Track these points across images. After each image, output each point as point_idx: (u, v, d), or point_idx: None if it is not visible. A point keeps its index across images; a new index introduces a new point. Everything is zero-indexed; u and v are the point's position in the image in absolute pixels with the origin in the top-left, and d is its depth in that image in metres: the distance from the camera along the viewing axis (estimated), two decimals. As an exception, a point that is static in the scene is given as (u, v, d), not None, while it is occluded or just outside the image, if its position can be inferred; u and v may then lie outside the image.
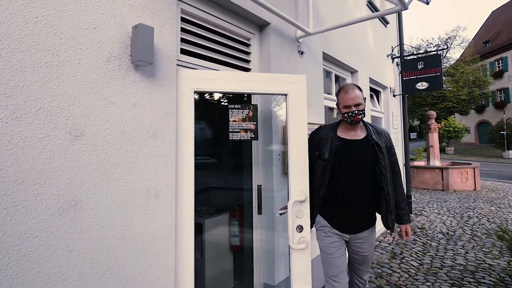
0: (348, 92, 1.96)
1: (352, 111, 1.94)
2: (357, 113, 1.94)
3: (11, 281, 1.11)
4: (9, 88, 1.14)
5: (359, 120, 1.96)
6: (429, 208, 6.99)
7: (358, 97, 1.95)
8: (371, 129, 2.04)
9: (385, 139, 2.06)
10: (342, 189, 2.01)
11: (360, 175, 1.99)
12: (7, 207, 1.11)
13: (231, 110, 2.25)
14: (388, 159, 2.03)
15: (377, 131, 2.06)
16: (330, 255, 2.03)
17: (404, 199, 2.13)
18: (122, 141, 1.48)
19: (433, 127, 10.43)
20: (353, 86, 1.99)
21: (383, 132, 2.09)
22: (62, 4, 1.31)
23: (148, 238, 1.55)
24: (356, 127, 2.04)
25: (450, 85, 26.14)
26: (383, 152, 1.97)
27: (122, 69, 1.51)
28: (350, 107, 1.94)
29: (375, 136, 1.99)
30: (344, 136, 2.03)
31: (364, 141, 2.01)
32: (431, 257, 4.09)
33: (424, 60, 5.90)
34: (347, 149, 1.99)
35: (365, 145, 2.00)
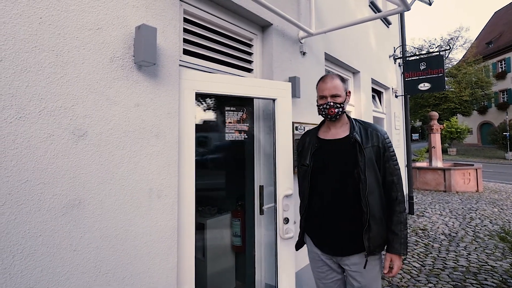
0: (326, 81, 1.68)
1: (327, 102, 1.64)
2: (333, 105, 1.63)
3: (15, 280, 1.11)
4: (13, 88, 1.15)
5: (334, 114, 1.65)
6: (431, 209, 6.97)
7: (336, 87, 1.65)
8: (357, 126, 1.69)
9: (377, 139, 1.64)
10: (317, 198, 1.71)
11: (338, 181, 1.64)
12: (11, 206, 1.12)
13: (227, 112, 2.34)
14: (376, 163, 1.60)
15: (366, 128, 1.68)
16: (318, 280, 1.80)
17: (401, 221, 1.60)
18: (125, 141, 1.48)
19: (435, 128, 10.40)
20: (333, 76, 1.70)
21: (375, 131, 1.67)
22: (66, 4, 1.32)
23: (150, 237, 1.56)
24: (337, 125, 1.72)
25: (452, 86, 26.06)
26: (364, 154, 1.58)
27: (125, 70, 1.51)
28: (326, 98, 1.66)
29: (358, 134, 1.64)
30: (324, 136, 1.76)
31: (344, 141, 1.67)
32: (433, 259, 4.08)
33: (427, 61, 5.89)
34: (323, 151, 1.71)
35: (345, 145, 1.65)
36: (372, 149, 1.61)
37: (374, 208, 1.56)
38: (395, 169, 1.64)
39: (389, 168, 1.63)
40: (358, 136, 1.62)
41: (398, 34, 6.72)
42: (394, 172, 1.64)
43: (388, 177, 1.63)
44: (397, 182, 1.64)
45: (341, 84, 1.68)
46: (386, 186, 1.63)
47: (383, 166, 1.63)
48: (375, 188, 1.57)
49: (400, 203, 1.62)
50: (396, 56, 6.26)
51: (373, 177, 1.57)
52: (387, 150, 1.64)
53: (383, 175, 1.63)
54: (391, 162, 1.64)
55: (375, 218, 1.56)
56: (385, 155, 1.63)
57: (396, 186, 1.63)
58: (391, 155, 1.65)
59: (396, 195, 1.62)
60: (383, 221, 1.60)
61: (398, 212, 1.61)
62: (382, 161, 1.63)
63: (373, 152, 1.60)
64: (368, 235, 1.55)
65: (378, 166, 1.61)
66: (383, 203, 1.61)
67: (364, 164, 1.57)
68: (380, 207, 1.59)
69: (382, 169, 1.63)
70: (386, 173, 1.63)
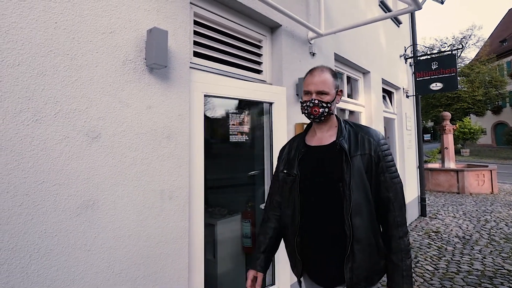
0: (313, 74, 1.39)
1: (311, 99, 1.35)
2: (317, 103, 1.34)
3: (32, 279, 1.14)
4: (30, 91, 1.18)
5: (318, 115, 1.35)
6: (444, 212, 6.83)
7: (324, 83, 1.36)
8: (346, 130, 1.39)
9: (369, 145, 1.34)
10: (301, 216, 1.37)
11: (321, 196, 1.34)
12: (29, 206, 1.14)
13: (231, 115, 2.42)
14: (367, 175, 1.30)
15: (356, 133, 1.38)
16: None
17: (401, 248, 1.28)
18: (137, 143, 1.50)
19: (447, 128, 10.20)
20: (323, 69, 1.41)
21: (368, 136, 1.37)
22: (80, 9, 1.35)
23: (162, 238, 1.57)
24: (323, 128, 1.43)
25: (465, 85, 25.54)
26: (351, 164, 1.28)
27: (137, 72, 1.54)
28: (310, 94, 1.37)
29: (345, 140, 1.35)
30: (309, 142, 1.46)
31: (329, 148, 1.38)
32: (446, 262, 3.99)
33: (438, 60, 5.79)
34: (308, 159, 1.41)
35: (330, 153, 1.36)
36: (362, 158, 1.31)
37: (359, 231, 1.25)
38: (392, 183, 1.31)
39: (384, 182, 1.31)
40: (345, 143, 1.33)
41: (409, 34, 6.63)
42: (391, 187, 1.31)
43: (383, 193, 1.31)
44: (394, 200, 1.30)
45: (331, 80, 1.38)
46: (381, 205, 1.32)
47: (376, 180, 1.32)
48: (362, 207, 1.27)
49: (399, 226, 1.30)
50: (407, 56, 6.17)
51: (360, 193, 1.27)
52: (382, 159, 1.32)
53: (376, 191, 1.32)
54: (388, 175, 1.32)
55: (361, 244, 1.25)
56: (379, 166, 1.32)
57: (393, 204, 1.30)
58: (387, 165, 1.33)
59: (394, 216, 1.30)
60: (375, 248, 1.28)
61: (397, 237, 1.29)
62: (375, 173, 1.31)
63: (363, 162, 1.30)
64: (351, 264, 1.25)
65: (369, 179, 1.30)
66: (374, 225, 1.30)
67: (350, 176, 1.27)
68: (370, 230, 1.27)
69: (375, 183, 1.31)
70: (381, 188, 1.31)
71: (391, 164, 1.35)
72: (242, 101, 2.44)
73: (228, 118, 2.42)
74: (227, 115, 2.43)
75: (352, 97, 4.40)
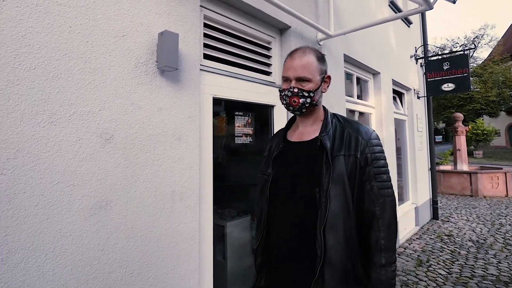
0: (293, 57, 1.15)
1: (289, 88, 1.12)
2: (296, 93, 1.11)
3: (47, 277, 1.16)
4: (45, 94, 1.21)
5: (298, 106, 1.13)
6: (457, 215, 6.69)
7: (305, 67, 1.12)
8: (332, 125, 1.16)
9: (356, 145, 1.10)
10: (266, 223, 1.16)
11: (293, 203, 1.11)
12: (44, 206, 1.17)
13: (236, 117, 2.45)
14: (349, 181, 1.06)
15: (343, 129, 1.15)
16: None
17: (381, 280, 1.03)
18: (149, 144, 1.52)
19: (460, 129, 10.02)
20: (306, 50, 1.16)
21: (356, 133, 1.12)
22: (94, 13, 1.38)
23: (173, 239, 1.58)
24: (307, 122, 1.21)
25: (477, 86, 25.02)
26: (331, 166, 1.05)
27: (149, 75, 1.56)
28: (289, 81, 1.14)
29: (328, 136, 1.11)
30: (290, 137, 1.25)
31: (310, 145, 1.15)
32: (460, 266, 3.91)
33: (450, 61, 5.70)
34: (283, 157, 1.20)
35: (310, 151, 1.14)
36: (346, 159, 1.07)
37: (333, 251, 1.00)
38: (379, 195, 1.05)
39: (370, 192, 1.05)
40: (327, 139, 1.10)
41: (420, 34, 6.55)
42: (378, 200, 1.05)
43: (367, 205, 1.06)
44: (380, 216, 1.04)
45: (315, 64, 1.14)
46: (364, 221, 1.06)
47: (361, 188, 1.06)
48: (340, 220, 1.02)
49: (383, 250, 1.03)
50: (417, 56, 6.09)
51: (339, 203, 1.03)
52: (370, 163, 1.07)
53: (359, 202, 1.06)
54: (376, 183, 1.06)
55: (333, 268, 1.00)
56: (366, 171, 1.07)
57: (378, 222, 1.04)
58: (377, 171, 1.07)
59: (377, 236, 1.03)
60: (351, 275, 1.03)
61: (378, 265, 1.02)
62: (359, 179, 1.07)
63: (346, 165, 1.06)
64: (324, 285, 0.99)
65: (351, 186, 1.06)
66: (353, 245, 1.04)
67: (329, 181, 1.03)
68: (346, 252, 1.02)
69: (358, 192, 1.06)
70: (365, 200, 1.06)
71: (382, 171, 1.09)
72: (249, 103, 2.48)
73: (234, 119, 2.45)
74: (234, 116, 2.46)
75: (362, 98, 4.36)
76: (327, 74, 1.20)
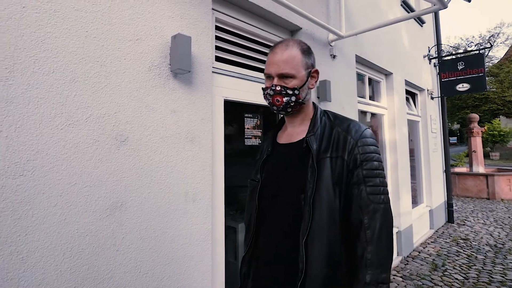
0: (275, 51, 1.04)
1: (271, 86, 1.02)
2: (279, 91, 1.01)
3: (65, 277, 1.19)
4: (63, 97, 1.24)
5: (282, 105, 1.02)
6: (473, 218, 6.51)
7: (288, 62, 1.01)
8: (321, 124, 1.05)
9: (344, 145, 0.98)
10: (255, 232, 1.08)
11: (280, 209, 1.03)
12: (62, 207, 1.20)
13: (246, 119, 2.44)
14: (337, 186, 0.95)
15: (332, 127, 1.03)
16: None
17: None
18: (162, 146, 1.54)
19: (475, 131, 9.78)
20: (289, 43, 1.04)
21: (346, 132, 1.00)
22: (109, 18, 1.41)
23: (186, 240, 1.60)
24: (295, 121, 1.11)
25: (493, 86, 24.39)
26: (316, 169, 0.95)
27: (162, 77, 1.58)
28: (271, 78, 1.04)
29: (315, 137, 1.01)
30: (279, 138, 1.16)
31: (297, 146, 1.05)
32: (477, 271, 3.80)
33: (465, 60, 5.58)
34: (271, 160, 1.12)
35: (297, 153, 1.04)
36: (333, 162, 0.96)
37: (316, 265, 0.90)
38: (369, 201, 0.92)
39: (358, 197, 0.93)
40: (314, 140, 1.00)
41: (433, 33, 6.43)
42: (368, 207, 0.92)
43: (354, 213, 0.93)
44: (369, 226, 0.91)
45: (299, 58, 1.02)
46: (351, 232, 0.94)
47: (348, 193, 0.95)
48: (324, 231, 0.92)
49: (369, 266, 0.89)
50: (431, 56, 5.98)
51: (324, 211, 0.92)
52: (359, 164, 0.95)
53: (346, 209, 0.94)
54: (366, 188, 0.93)
55: (316, 283, 0.90)
56: (353, 174, 0.95)
57: (366, 232, 0.91)
58: (368, 174, 0.94)
59: (364, 250, 0.90)
60: None
61: (362, 283, 0.89)
62: (347, 183, 0.95)
63: (333, 168, 0.95)
64: None
65: (339, 192, 0.94)
66: (339, 259, 0.93)
67: (313, 186, 0.93)
68: (331, 266, 0.91)
69: (346, 198, 0.95)
70: (353, 207, 0.94)
71: (375, 174, 0.95)
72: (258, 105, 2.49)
73: (244, 121, 2.46)
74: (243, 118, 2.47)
75: (374, 99, 4.31)
76: (314, 68, 1.07)
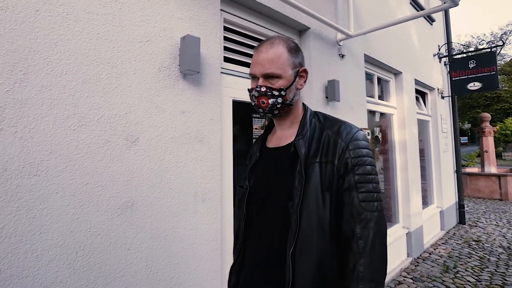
0: (260, 50, 0.97)
1: (256, 87, 0.96)
2: (264, 92, 0.94)
3: (78, 275, 1.21)
4: (75, 98, 1.26)
5: (268, 107, 0.96)
6: (485, 219, 6.38)
7: (273, 61, 0.93)
8: (311, 127, 0.98)
9: (334, 149, 0.91)
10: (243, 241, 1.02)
11: (266, 218, 0.97)
12: (75, 206, 1.22)
13: (254, 119, 2.46)
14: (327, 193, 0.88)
15: (322, 130, 0.97)
16: None
17: None
18: (172, 147, 1.55)
19: (487, 130, 9.59)
20: (273, 41, 0.97)
21: (336, 135, 0.93)
22: (120, 20, 1.43)
23: (196, 240, 1.60)
24: (284, 124, 1.04)
25: (506, 84, 23.92)
26: (303, 176, 0.89)
27: (172, 78, 1.59)
28: (256, 79, 0.97)
29: (304, 141, 0.95)
30: (268, 142, 1.09)
31: (285, 150, 0.99)
32: (490, 273, 3.72)
33: (476, 59, 5.48)
34: (259, 166, 1.05)
35: (285, 158, 0.97)
36: (322, 167, 0.89)
37: (304, 278, 0.84)
38: (361, 208, 0.86)
39: (350, 205, 0.87)
40: (303, 144, 0.93)
41: (443, 31, 6.33)
42: (360, 215, 0.86)
43: (346, 222, 0.87)
44: (361, 236, 0.84)
45: (286, 56, 0.95)
46: (343, 243, 0.88)
47: (339, 200, 0.88)
48: (313, 241, 0.86)
49: (361, 280, 0.83)
50: (441, 55, 5.88)
51: (313, 220, 0.86)
52: (351, 169, 0.88)
53: (337, 218, 0.88)
54: (358, 194, 0.87)
55: None
56: (345, 180, 0.88)
57: (358, 243, 0.84)
58: (360, 180, 0.88)
59: (355, 261, 0.84)
60: None
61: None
62: (338, 190, 0.89)
63: (322, 174, 0.89)
64: None
65: (329, 200, 0.88)
66: (330, 272, 0.86)
67: (301, 194, 0.87)
68: (320, 278, 0.85)
69: (336, 206, 0.88)
70: (344, 216, 0.87)
71: (367, 179, 0.88)
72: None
73: (252, 121, 2.48)
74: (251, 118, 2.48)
75: (383, 98, 4.26)
76: (302, 67, 1.00)
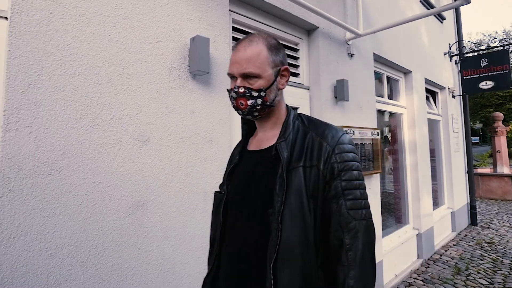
0: (238, 49, 0.90)
1: (234, 88, 0.89)
2: (242, 93, 0.87)
3: (90, 273, 1.23)
4: (88, 99, 1.28)
5: (247, 109, 0.89)
6: (498, 221, 6.25)
7: (251, 60, 0.86)
8: (294, 129, 0.91)
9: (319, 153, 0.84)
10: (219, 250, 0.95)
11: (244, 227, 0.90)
12: (87, 205, 1.24)
13: None
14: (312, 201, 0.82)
15: (306, 133, 0.90)
16: None
17: None
18: (182, 146, 1.56)
19: (500, 130, 9.39)
20: (252, 39, 0.89)
21: (321, 138, 0.87)
22: (130, 21, 1.44)
23: (205, 239, 1.61)
24: (266, 126, 0.97)
25: (519, 83, 23.38)
26: (285, 181, 0.82)
27: (182, 79, 1.60)
28: (234, 79, 0.90)
29: (286, 143, 0.87)
30: (249, 146, 1.03)
31: (266, 154, 0.92)
32: (503, 276, 3.64)
33: (488, 57, 5.37)
34: (238, 170, 0.99)
35: (266, 161, 0.90)
36: (306, 172, 0.83)
37: None
38: (350, 217, 0.80)
39: (337, 213, 0.81)
40: (285, 147, 0.86)
41: (454, 29, 6.23)
42: (348, 223, 0.80)
43: (334, 232, 0.81)
44: (350, 246, 0.79)
45: (265, 54, 0.88)
46: (331, 254, 0.82)
47: (326, 209, 0.82)
48: (296, 252, 0.79)
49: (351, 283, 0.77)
50: (452, 53, 5.79)
51: (296, 229, 0.80)
52: (338, 175, 0.82)
53: (324, 227, 0.82)
54: (345, 202, 0.81)
55: None
56: (331, 186, 0.82)
57: (348, 254, 0.79)
58: (347, 186, 0.82)
59: (345, 275, 0.78)
60: None
61: None
62: (324, 197, 0.83)
63: (306, 179, 0.82)
64: None
65: (314, 207, 0.82)
66: (316, 284, 0.80)
67: (282, 200, 0.80)
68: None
69: (323, 214, 0.82)
70: (332, 225, 0.81)
71: (355, 185, 0.83)
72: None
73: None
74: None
75: (393, 98, 4.21)
76: (284, 66, 0.93)
